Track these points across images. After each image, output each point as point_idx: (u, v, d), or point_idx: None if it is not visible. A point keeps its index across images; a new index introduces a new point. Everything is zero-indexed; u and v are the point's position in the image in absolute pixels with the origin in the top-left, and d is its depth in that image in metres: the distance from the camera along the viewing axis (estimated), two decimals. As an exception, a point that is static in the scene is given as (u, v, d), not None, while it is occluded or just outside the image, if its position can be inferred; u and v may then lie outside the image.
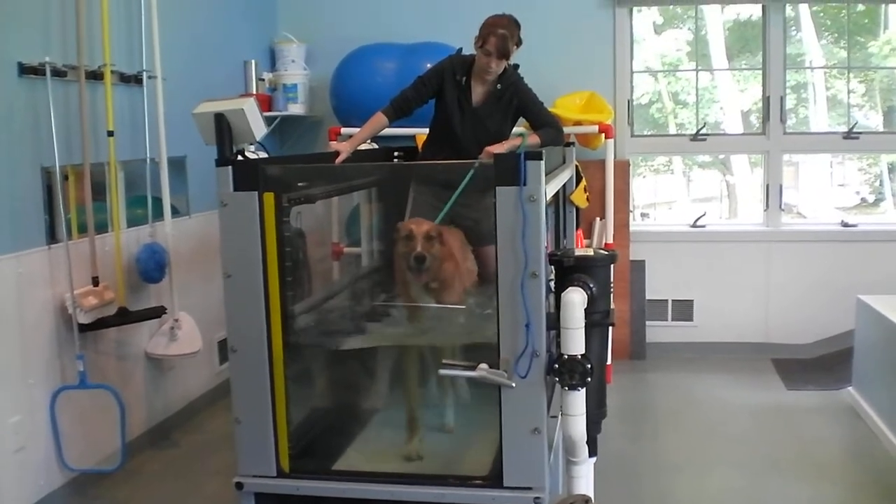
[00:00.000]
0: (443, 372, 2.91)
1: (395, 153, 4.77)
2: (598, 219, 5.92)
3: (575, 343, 2.82)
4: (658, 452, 4.59)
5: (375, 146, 5.16)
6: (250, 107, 3.04)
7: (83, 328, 4.03)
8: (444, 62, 4.11)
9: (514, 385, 2.79)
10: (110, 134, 4.25)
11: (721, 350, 6.22)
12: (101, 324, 4.14)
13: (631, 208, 6.31)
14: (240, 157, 3.14)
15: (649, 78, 7.07)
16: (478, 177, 2.94)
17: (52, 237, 3.96)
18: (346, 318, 3.75)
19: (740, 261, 6.25)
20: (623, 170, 6.10)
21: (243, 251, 3.03)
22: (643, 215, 7.16)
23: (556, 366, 2.82)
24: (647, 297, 6.28)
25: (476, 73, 4.01)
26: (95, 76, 4.22)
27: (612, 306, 3.15)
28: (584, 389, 2.85)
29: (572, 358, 2.81)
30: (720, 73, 7.09)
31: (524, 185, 2.77)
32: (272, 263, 3.05)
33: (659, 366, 6.11)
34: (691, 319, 6.33)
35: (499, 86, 4.03)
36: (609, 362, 5.65)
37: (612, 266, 3.12)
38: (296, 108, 6.08)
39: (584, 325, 2.83)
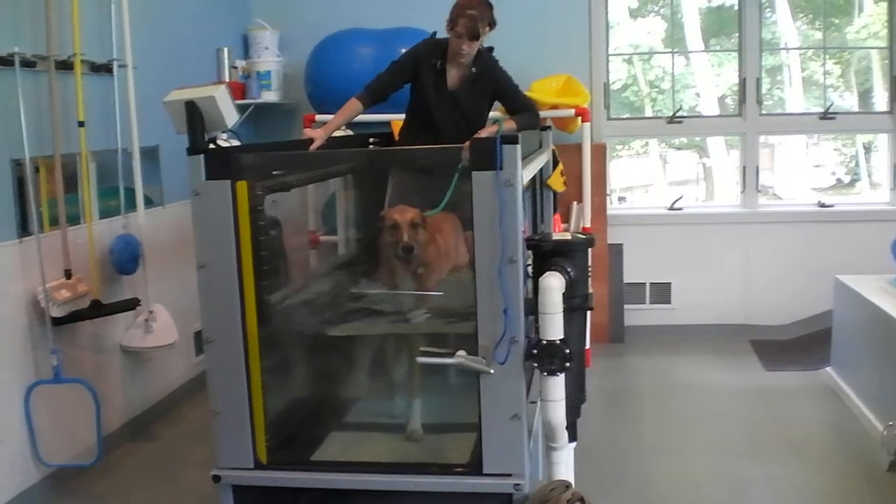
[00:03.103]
0: (420, 360, 2.89)
1: (371, 139, 4.73)
2: (575, 203, 5.90)
3: (553, 328, 2.81)
4: (638, 436, 4.59)
5: (351, 133, 5.12)
6: (221, 94, 2.99)
7: (57, 322, 3.97)
8: (418, 47, 4.07)
9: (492, 372, 2.78)
10: (81, 124, 4.18)
11: (699, 332, 6.23)
12: (74, 317, 4.08)
13: (608, 192, 6.30)
14: (212, 146, 3.09)
15: (625, 63, 7.04)
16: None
17: (23, 230, 3.89)
18: (325, 307, 3.71)
19: (718, 243, 6.26)
20: (600, 153, 6.08)
21: (217, 241, 3.00)
22: (621, 199, 7.16)
23: (535, 351, 2.80)
24: (626, 281, 6.28)
25: (450, 57, 3.97)
26: (66, 66, 4.14)
27: (591, 290, 3.14)
28: (563, 374, 2.84)
29: (551, 343, 2.80)
30: (696, 58, 7.08)
31: (500, 169, 2.75)
32: (246, 253, 3.01)
33: (637, 349, 6.12)
34: (669, 302, 6.34)
35: (474, 69, 3.99)
36: (588, 346, 5.67)
37: (589, 250, 3.10)
38: (270, 96, 6.03)
39: (562, 309, 2.82)
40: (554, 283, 2.80)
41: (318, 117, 5.59)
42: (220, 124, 3.02)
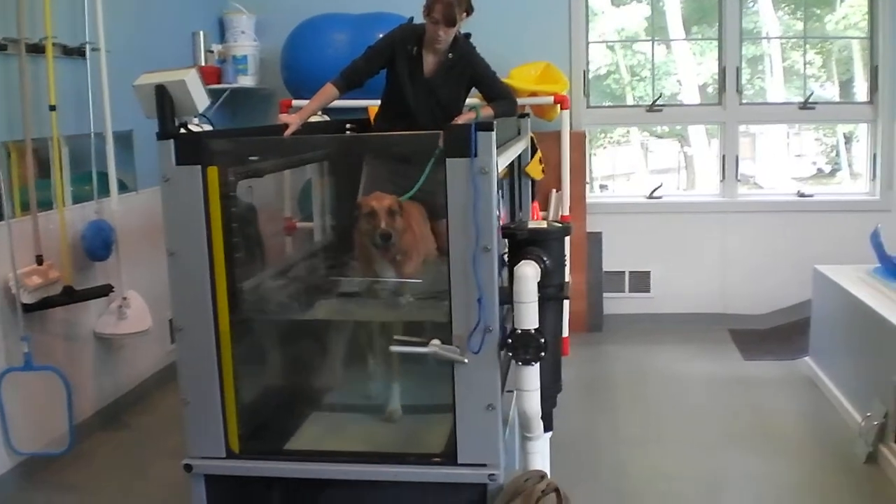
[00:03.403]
0: (394, 348, 2.85)
1: (347, 125, 4.68)
2: (554, 191, 5.87)
3: (528, 317, 2.77)
4: (615, 426, 4.58)
5: (327, 118, 5.07)
6: (192, 78, 2.93)
7: (28, 308, 3.91)
8: (395, 32, 4.02)
9: (466, 361, 2.74)
10: (52, 108, 4.11)
11: (678, 321, 6.22)
12: (45, 303, 4.03)
13: (588, 180, 6.27)
14: (183, 131, 3.03)
15: (607, 50, 7.00)
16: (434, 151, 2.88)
17: (-5, 215, 3.84)
18: (300, 295, 3.67)
19: (697, 232, 6.25)
20: (579, 141, 6.05)
21: (187, 227, 2.95)
22: (602, 187, 7.13)
23: (510, 341, 2.77)
24: (604, 269, 6.26)
25: (427, 43, 3.93)
26: (37, 49, 4.07)
27: (568, 279, 3.11)
28: (538, 364, 2.81)
29: (526, 332, 2.76)
30: (677, 47, 7.04)
31: (475, 156, 2.71)
32: (217, 240, 2.96)
33: (616, 338, 6.10)
34: (648, 291, 6.33)
35: (451, 55, 3.95)
36: (566, 335, 5.64)
37: (566, 239, 3.07)
38: (246, 81, 5.95)
39: (537, 299, 2.78)
40: (528, 272, 2.77)
41: (295, 102, 5.51)
42: (191, 109, 2.96)
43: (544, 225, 3.02)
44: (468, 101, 4.17)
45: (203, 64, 5.84)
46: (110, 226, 4.44)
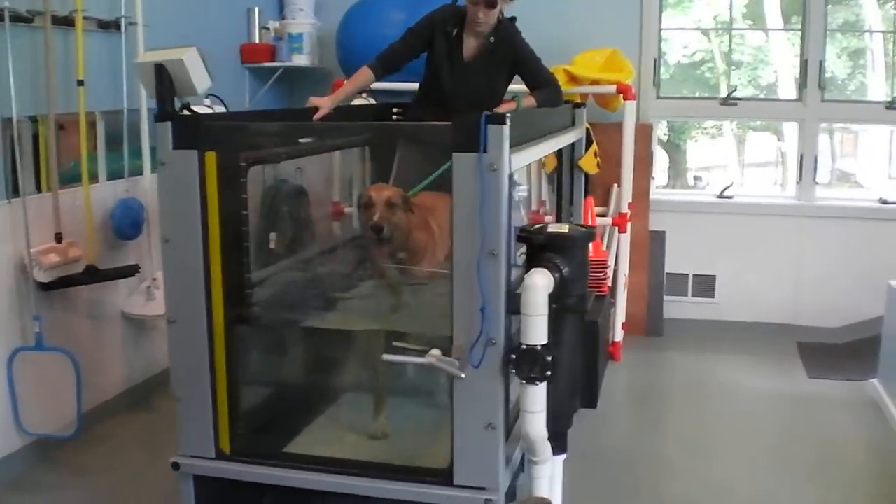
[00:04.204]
0: (387, 357, 2.63)
1: (394, 109, 4.47)
2: (615, 185, 5.56)
3: (535, 332, 2.52)
4: (659, 441, 4.28)
5: (372, 101, 4.88)
6: (191, 57, 2.76)
7: (44, 287, 3.81)
8: (435, 13, 3.80)
9: (462, 376, 2.51)
10: (80, 83, 3.98)
11: (743, 330, 5.84)
12: (64, 282, 3.92)
13: (653, 175, 5.94)
14: (186, 112, 2.86)
15: (702, 37, 6.59)
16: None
17: (14, 191, 3.73)
18: (308, 292, 3.48)
19: (768, 236, 5.83)
20: (645, 134, 5.72)
21: (183, 215, 2.80)
22: (696, 178, 6.80)
23: (514, 356, 2.52)
24: (667, 271, 5.91)
25: (468, 25, 3.70)
26: (67, 22, 3.95)
27: (589, 290, 2.85)
28: (544, 384, 2.56)
29: (531, 349, 2.51)
30: (774, 37, 6.60)
31: (484, 151, 2.47)
32: (214, 229, 2.80)
33: (675, 344, 5.76)
34: (713, 296, 5.94)
35: (492, 39, 3.71)
36: (619, 339, 5.38)
37: (589, 245, 2.80)
38: (301, 59, 5.76)
39: (546, 312, 2.53)
40: (538, 282, 2.51)
41: (348, 84, 5.36)
42: (190, 89, 2.79)
43: (566, 229, 2.74)
44: (511, 87, 3.92)
45: (257, 41, 5.69)
46: (141, 204, 4.32)
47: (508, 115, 2.49)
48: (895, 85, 6.02)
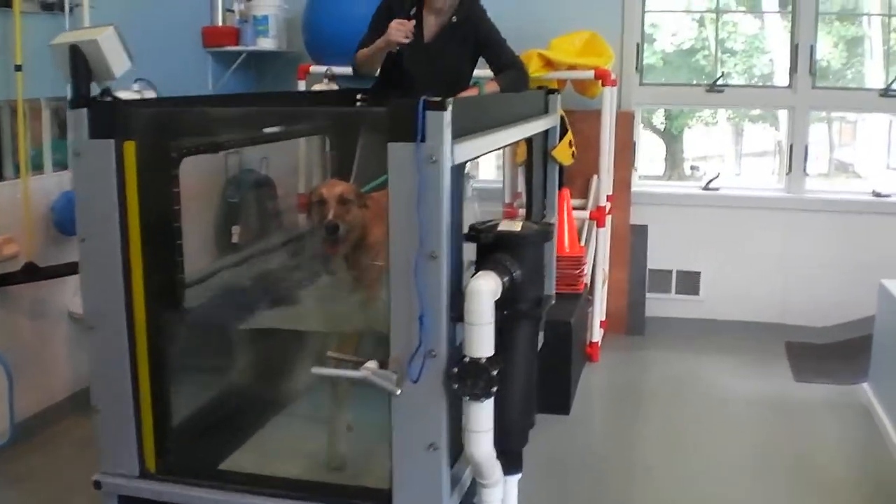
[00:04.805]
0: (316, 371, 2.39)
1: (358, 95, 4.21)
2: (595, 176, 5.30)
3: (479, 343, 2.26)
4: (635, 446, 4.05)
5: (336, 87, 4.64)
6: (108, 38, 2.50)
7: (-26, 286, 3.58)
8: None
9: (398, 392, 2.26)
10: (18, 69, 3.74)
11: (729, 329, 5.59)
12: (1, 281, 3.68)
13: (635, 165, 5.68)
14: (108, 98, 2.61)
15: (693, 23, 6.33)
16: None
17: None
18: (252, 292, 3.23)
19: (756, 230, 5.58)
20: (627, 122, 5.46)
21: (99, 211, 2.54)
22: (693, 168, 6.56)
23: (456, 370, 2.27)
24: (649, 267, 5.67)
25: (427, 3, 3.44)
26: (5, 3, 3.70)
27: (548, 293, 2.59)
28: (490, 400, 2.31)
29: (475, 361, 2.25)
30: (772, 24, 6.34)
31: (422, 141, 2.22)
32: (134, 227, 2.54)
33: (657, 343, 5.52)
34: (697, 293, 5.70)
35: (454, 19, 3.47)
36: (597, 339, 5.13)
37: (545, 244, 2.55)
38: (266, 43, 5.47)
39: (492, 320, 2.27)
40: (483, 287, 2.26)
41: (313, 69, 5.12)
42: (107, 73, 2.53)
43: (518, 227, 2.49)
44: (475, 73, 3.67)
45: (220, 24, 5.42)
46: (85, 197, 4.06)
47: (450, 100, 2.23)
48: (890, 72, 5.77)
